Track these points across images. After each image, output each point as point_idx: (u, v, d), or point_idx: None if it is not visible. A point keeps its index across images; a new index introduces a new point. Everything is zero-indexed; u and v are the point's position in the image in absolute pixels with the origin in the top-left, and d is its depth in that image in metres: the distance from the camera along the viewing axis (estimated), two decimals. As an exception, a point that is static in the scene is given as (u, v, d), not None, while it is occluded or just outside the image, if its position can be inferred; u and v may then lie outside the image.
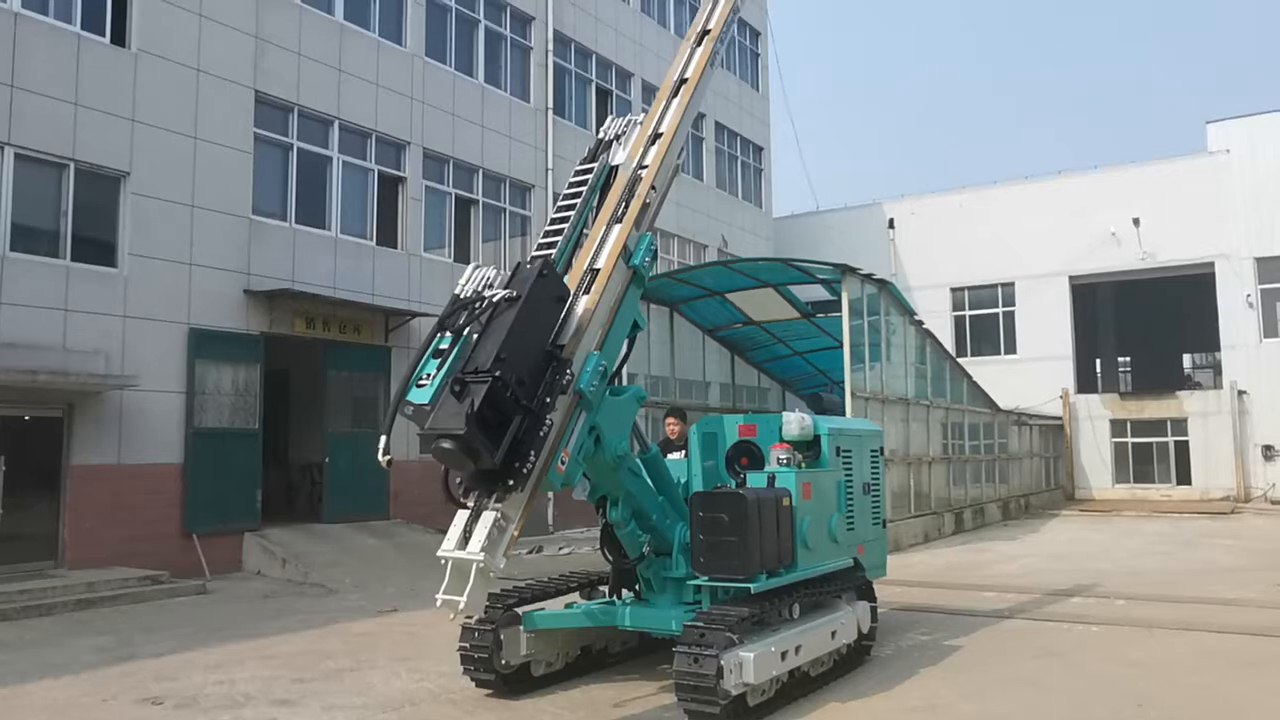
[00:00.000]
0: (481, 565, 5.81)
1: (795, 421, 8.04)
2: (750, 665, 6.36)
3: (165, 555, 14.05)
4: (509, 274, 6.53)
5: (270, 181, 16.77)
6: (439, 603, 5.89)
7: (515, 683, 7.33)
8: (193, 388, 14.98)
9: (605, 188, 7.65)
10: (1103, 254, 32.03)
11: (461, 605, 5.83)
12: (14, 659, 8.97)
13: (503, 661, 7.23)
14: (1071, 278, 32.79)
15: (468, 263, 20.64)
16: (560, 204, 7.64)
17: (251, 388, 15.86)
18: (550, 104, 23.14)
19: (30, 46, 13.41)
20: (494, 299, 6.26)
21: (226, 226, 15.68)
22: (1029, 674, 8.02)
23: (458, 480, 6.21)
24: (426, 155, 19.66)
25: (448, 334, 6.28)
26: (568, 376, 6.20)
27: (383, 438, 6.22)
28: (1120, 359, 45.46)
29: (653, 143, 7.87)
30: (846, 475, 8.45)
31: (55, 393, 13.20)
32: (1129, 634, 9.62)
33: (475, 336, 6.20)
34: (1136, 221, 31.19)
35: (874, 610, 8.58)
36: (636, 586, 7.77)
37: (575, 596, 8.13)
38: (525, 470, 5.94)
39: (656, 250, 7.55)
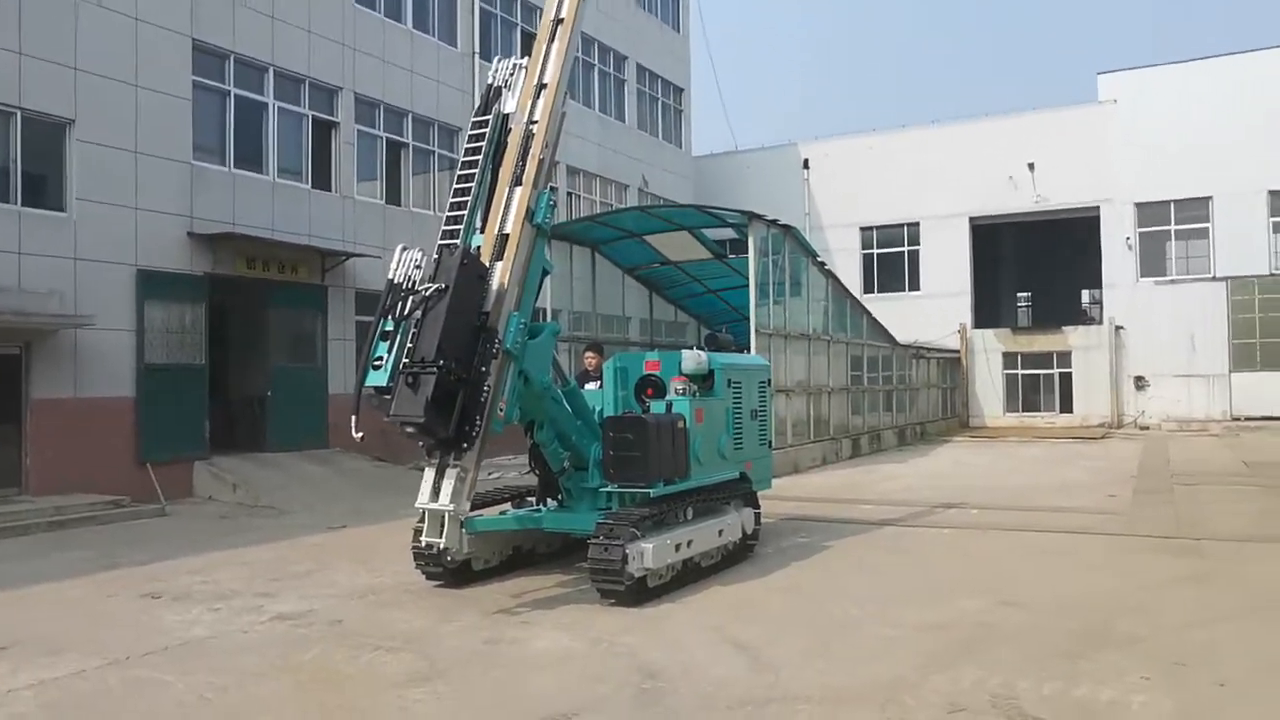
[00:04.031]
0: (452, 513, 7.63)
1: (692, 358, 9.60)
2: (650, 554, 7.99)
3: (122, 482, 15.12)
4: (434, 260, 7.83)
5: (209, 127, 17.54)
6: (423, 543, 7.91)
7: (459, 575, 8.84)
8: (142, 326, 15.92)
9: (500, 138, 8.71)
10: (1001, 196, 34.21)
11: (442, 544, 7.72)
12: (11, 569, 10.17)
13: (448, 559, 8.71)
14: (972, 218, 34.98)
15: (398, 204, 21.83)
16: (463, 160, 8.77)
17: (197, 325, 16.85)
18: (477, 49, 23.93)
19: (-26, -2, 13.96)
20: (426, 292, 7.57)
21: (169, 171, 16.48)
22: (879, 564, 9.87)
23: (419, 443, 7.79)
24: (358, 100, 20.48)
25: (389, 319, 7.64)
26: (496, 344, 7.67)
27: (353, 417, 7.72)
28: (1021, 294, 48.26)
29: (538, 94, 8.78)
30: (735, 403, 10.08)
31: (13, 331, 14.10)
32: (970, 535, 11.57)
33: (416, 319, 7.52)
34: (1031, 166, 33.45)
35: (758, 515, 10.29)
36: (559, 496, 9.31)
37: (508, 506, 9.67)
38: (474, 432, 7.59)
39: (555, 203, 8.85)
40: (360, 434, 7.75)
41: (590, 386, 9.96)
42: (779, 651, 6.67)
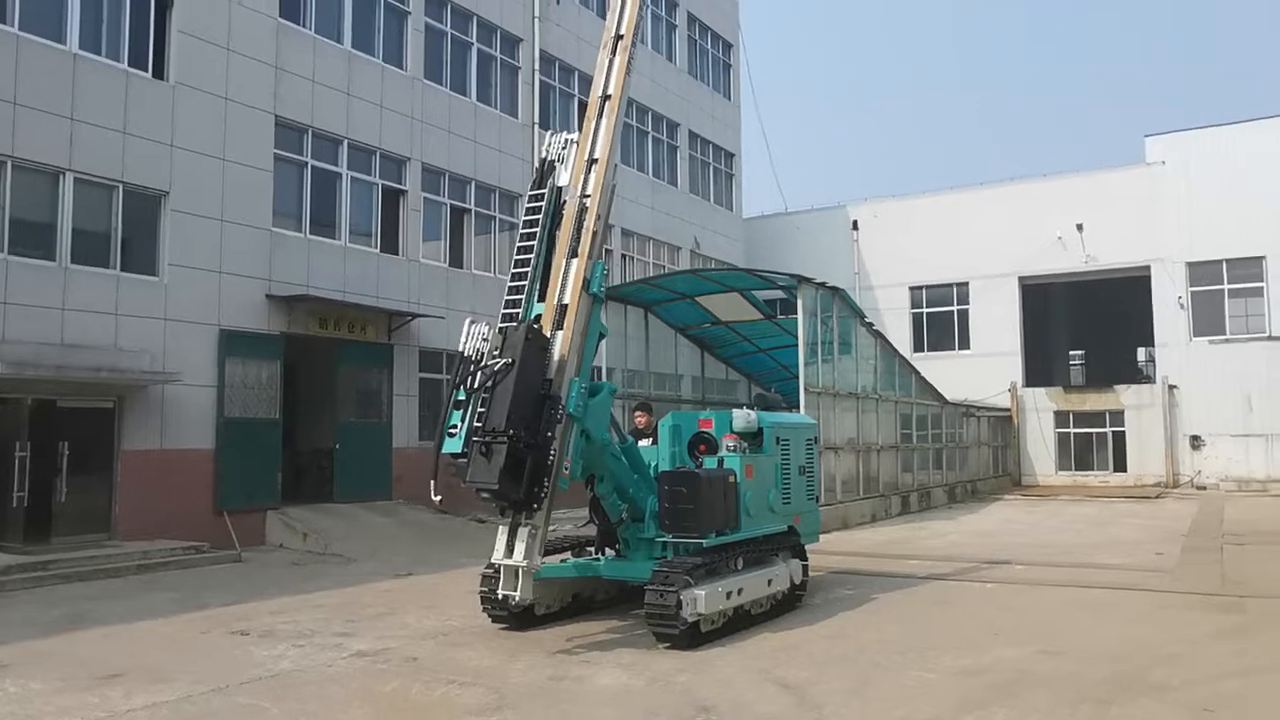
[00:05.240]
0: (525, 568, 8.34)
1: (742, 417, 10.20)
2: (702, 600, 8.52)
3: (200, 529, 15.99)
4: (500, 333, 8.56)
5: (288, 196, 18.72)
6: (500, 595, 8.58)
7: (522, 620, 9.42)
8: (223, 381, 16.94)
9: (556, 209, 9.41)
10: (1050, 256, 34.42)
11: (518, 597, 8.44)
12: (110, 607, 10.97)
13: (514, 605, 9.29)
14: (1021, 278, 35.19)
15: (461, 267, 22.78)
16: (522, 232, 9.49)
17: (273, 381, 17.84)
18: (537, 119, 25.10)
19: (85, 83, 15.29)
20: (495, 366, 8.30)
21: (251, 238, 17.62)
22: (922, 615, 10.25)
23: (494, 505, 8.55)
24: (425, 169, 21.64)
25: (462, 389, 8.42)
26: (560, 409, 8.36)
27: (431, 481, 8.50)
28: (1073, 353, 48.09)
29: (589, 169, 9.41)
30: (784, 459, 10.62)
31: (110, 386, 15.16)
32: (1014, 589, 11.88)
33: (486, 389, 8.26)
34: (1080, 227, 33.68)
35: (805, 567, 10.75)
36: (617, 546, 9.88)
37: (569, 555, 10.25)
38: (543, 493, 8.30)
39: (608, 270, 9.54)
40: (439, 497, 8.49)
41: (642, 443, 10.56)
42: (822, 691, 7.15)
